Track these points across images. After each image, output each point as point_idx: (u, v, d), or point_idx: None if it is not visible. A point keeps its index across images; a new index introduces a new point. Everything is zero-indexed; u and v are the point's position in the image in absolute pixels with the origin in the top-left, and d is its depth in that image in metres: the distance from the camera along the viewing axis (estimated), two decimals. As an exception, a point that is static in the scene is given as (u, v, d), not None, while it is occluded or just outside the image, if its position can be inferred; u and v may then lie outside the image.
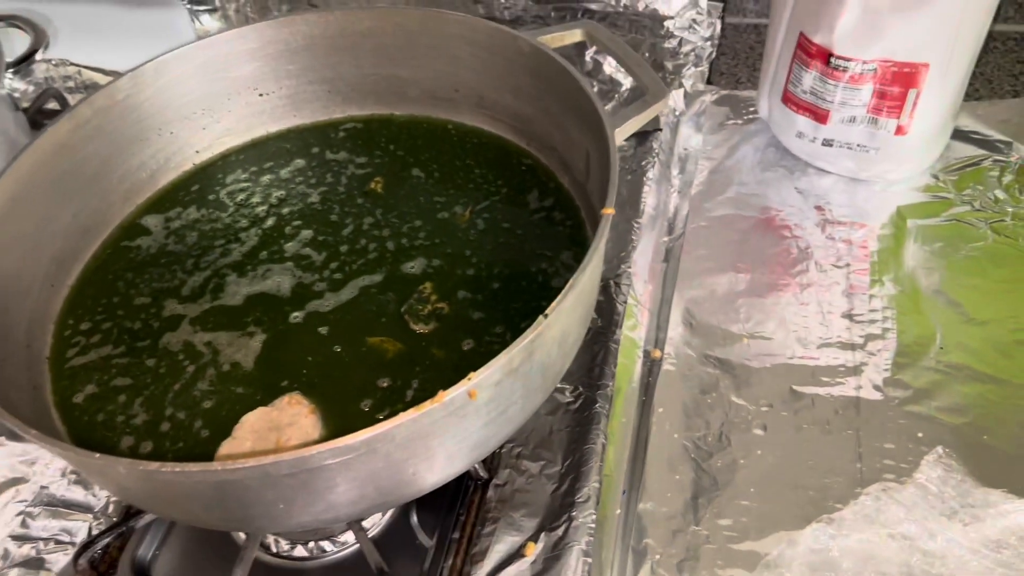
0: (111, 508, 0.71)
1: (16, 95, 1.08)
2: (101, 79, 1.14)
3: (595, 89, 0.78)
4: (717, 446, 0.66)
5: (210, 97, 0.81)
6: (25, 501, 0.72)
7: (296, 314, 0.68)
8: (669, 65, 0.96)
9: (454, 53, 0.79)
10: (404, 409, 0.60)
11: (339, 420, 0.61)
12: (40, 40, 0.85)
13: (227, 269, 0.73)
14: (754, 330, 0.73)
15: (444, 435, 0.53)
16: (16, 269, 0.68)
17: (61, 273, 0.73)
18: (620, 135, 0.63)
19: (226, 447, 0.59)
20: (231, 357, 0.66)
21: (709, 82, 0.96)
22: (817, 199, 0.83)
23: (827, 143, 0.82)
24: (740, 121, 0.93)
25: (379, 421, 0.60)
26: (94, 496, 0.71)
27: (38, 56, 0.84)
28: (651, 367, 0.72)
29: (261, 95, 0.84)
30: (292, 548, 0.68)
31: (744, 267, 0.78)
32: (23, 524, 0.70)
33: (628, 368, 0.72)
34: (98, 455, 0.48)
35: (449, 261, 0.71)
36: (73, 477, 0.73)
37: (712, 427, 0.67)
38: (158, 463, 0.47)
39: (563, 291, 0.53)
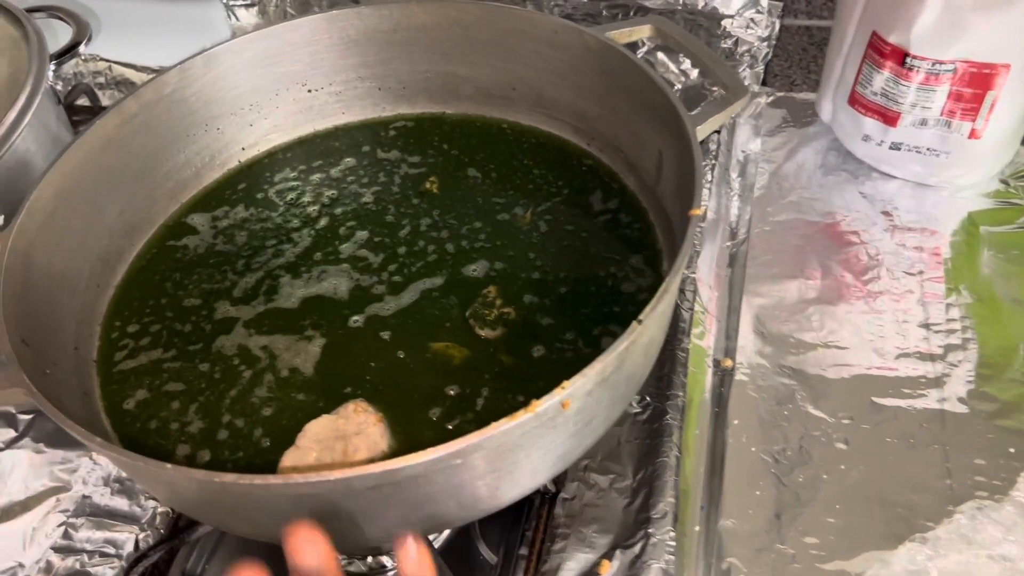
0: (158, 519, 0.67)
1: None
2: (132, 75, 1.11)
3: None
4: (797, 460, 0.63)
5: (258, 92, 0.79)
6: (67, 511, 0.68)
7: (356, 318, 0.65)
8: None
9: (513, 49, 0.76)
10: (475, 418, 0.59)
11: (407, 429, 0.58)
12: (83, 33, 0.82)
13: (280, 270, 0.70)
14: (828, 339, 0.70)
15: (531, 447, 0.50)
16: (63, 268, 0.65)
17: (106, 273, 0.70)
18: (701, 134, 0.60)
19: (289, 457, 0.56)
20: (289, 362, 0.63)
21: (763, 84, 0.94)
22: (884, 204, 0.80)
23: (895, 147, 0.79)
24: (797, 124, 0.90)
25: (449, 431, 0.58)
26: (139, 507, 0.68)
27: (81, 49, 0.81)
28: (723, 377, 0.69)
29: (310, 91, 0.81)
30: (349, 563, 0.65)
31: (812, 273, 0.75)
32: (65, 535, 0.67)
33: (699, 378, 0.69)
34: (171, 466, 0.45)
35: (513, 264, 0.68)
36: (117, 486, 0.70)
37: (791, 440, 0.64)
38: (235, 475, 0.44)
39: (656, 295, 0.50)
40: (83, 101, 1.09)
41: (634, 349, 0.50)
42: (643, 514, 0.62)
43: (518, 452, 0.49)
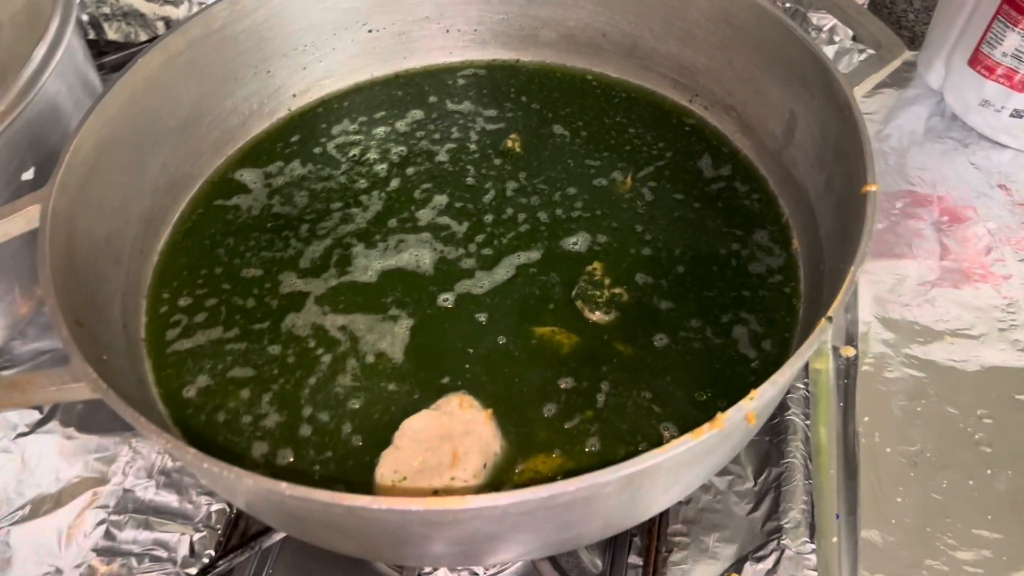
0: (214, 518, 0.60)
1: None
2: (141, 5, 1.00)
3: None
4: (938, 463, 0.57)
5: (314, 30, 0.69)
6: (107, 507, 0.60)
7: (445, 296, 0.57)
8: (813, 18, 0.85)
9: (610, -10, 0.67)
10: (595, 417, 0.51)
11: (519, 428, 0.51)
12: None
13: (351, 238, 0.61)
14: (956, 327, 0.64)
15: (697, 463, 0.43)
16: (107, 233, 0.56)
17: (150, 236, 0.61)
18: (858, 94, 0.53)
19: (389, 460, 0.49)
20: (374, 346, 0.55)
21: (854, 39, 0.86)
22: (999, 177, 0.74)
23: (1017, 114, 0.72)
24: (896, 85, 0.82)
25: (567, 431, 0.51)
26: (190, 503, 0.60)
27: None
28: (846, 367, 0.62)
29: (370, 31, 0.71)
30: (435, 570, 0.58)
31: (930, 252, 0.69)
32: (107, 535, 0.59)
33: (821, 368, 0.62)
34: (285, 484, 0.37)
35: (618, 238, 0.60)
36: (163, 479, 0.61)
37: (929, 441, 0.58)
38: (369, 498, 0.37)
39: (844, 286, 0.43)
40: (90, 36, 0.98)
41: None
42: (772, 522, 0.55)
43: (684, 468, 0.42)
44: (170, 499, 0.61)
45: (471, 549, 0.42)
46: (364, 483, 0.48)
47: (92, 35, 0.98)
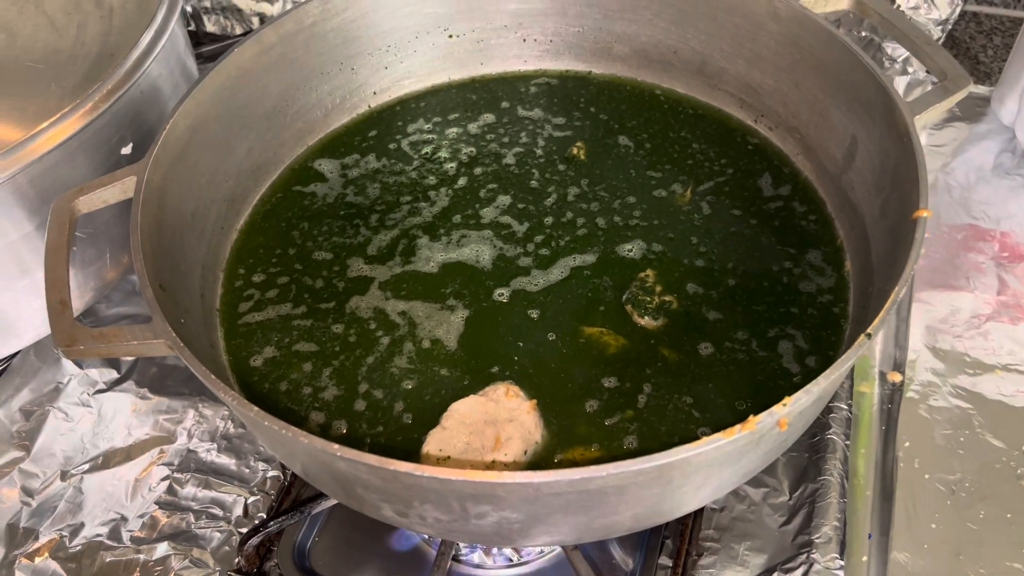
0: (268, 483, 0.63)
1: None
2: (239, 1, 1.05)
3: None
4: (977, 494, 0.57)
5: (398, 32, 0.73)
6: (171, 465, 0.64)
7: (501, 291, 0.60)
8: (888, 48, 0.86)
9: (684, 10, 0.69)
10: (635, 417, 0.53)
11: (561, 420, 0.53)
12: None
13: (417, 230, 0.64)
14: (1008, 362, 0.64)
15: (728, 463, 0.44)
16: (193, 207, 0.60)
17: (231, 215, 0.65)
18: (919, 124, 0.54)
19: (435, 439, 0.51)
20: (431, 332, 0.58)
21: (928, 72, 0.86)
22: (1067, 217, 0.73)
23: (1089, 154, 0.72)
24: (967, 119, 0.82)
25: (607, 428, 0.53)
26: (248, 468, 0.64)
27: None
28: (891, 393, 0.63)
29: (451, 36, 0.75)
30: (471, 552, 0.60)
31: (987, 287, 0.69)
32: (170, 490, 0.63)
33: (866, 392, 0.63)
34: (338, 446, 0.40)
35: (673, 248, 0.62)
36: (224, 443, 0.66)
37: (968, 470, 0.58)
38: (412, 465, 0.39)
39: (886, 305, 0.44)
40: (188, 26, 1.04)
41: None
42: (803, 536, 0.56)
43: (715, 468, 0.44)
44: (229, 462, 0.65)
45: (505, 528, 0.44)
46: (411, 458, 0.50)
47: (192, 27, 1.04)
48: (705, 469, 0.43)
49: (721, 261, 0.61)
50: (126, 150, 0.62)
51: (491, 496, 0.41)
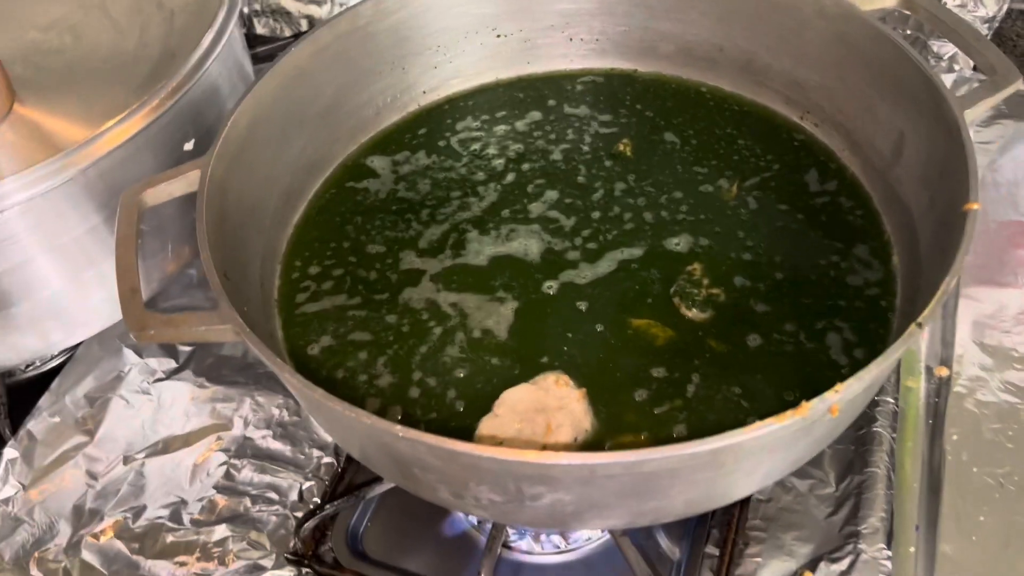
0: (323, 469, 0.65)
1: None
2: (288, 4, 1.08)
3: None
4: (1026, 488, 0.57)
5: (447, 33, 0.74)
6: (228, 451, 0.67)
7: (549, 283, 0.61)
8: (934, 46, 0.86)
9: (730, 8, 0.70)
10: (684, 406, 0.54)
11: (610, 409, 0.54)
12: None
13: (467, 224, 0.66)
14: (1057, 357, 0.64)
15: (779, 449, 0.45)
16: (253, 202, 0.62)
17: (287, 210, 0.67)
18: (968, 118, 0.54)
19: (487, 424, 0.53)
20: (481, 323, 0.59)
21: (975, 69, 0.86)
22: (1116, 213, 0.73)
23: None
24: (1015, 117, 0.82)
25: (656, 416, 0.54)
26: (303, 454, 0.66)
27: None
28: (938, 387, 0.63)
29: (499, 36, 0.76)
30: (520, 539, 0.62)
31: (1036, 282, 0.69)
32: (227, 475, 0.65)
33: (911, 386, 0.63)
34: (399, 427, 0.42)
35: (720, 241, 0.63)
36: (280, 430, 0.68)
37: (1018, 465, 0.58)
38: (471, 444, 0.41)
39: (937, 296, 0.44)
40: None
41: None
42: (850, 527, 0.57)
43: (766, 453, 0.45)
44: (284, 449, 0.67)
45: (559, 511, 0.46)
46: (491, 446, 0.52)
47: (245, 29, 1.07)
48: (757, 454, 0.44)
49: (768, 255, 0.61)
50: (188, 146, 0.65)
51: (546, 477, 0.42)
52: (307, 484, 0.64)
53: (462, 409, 0.55)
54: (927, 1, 0.62)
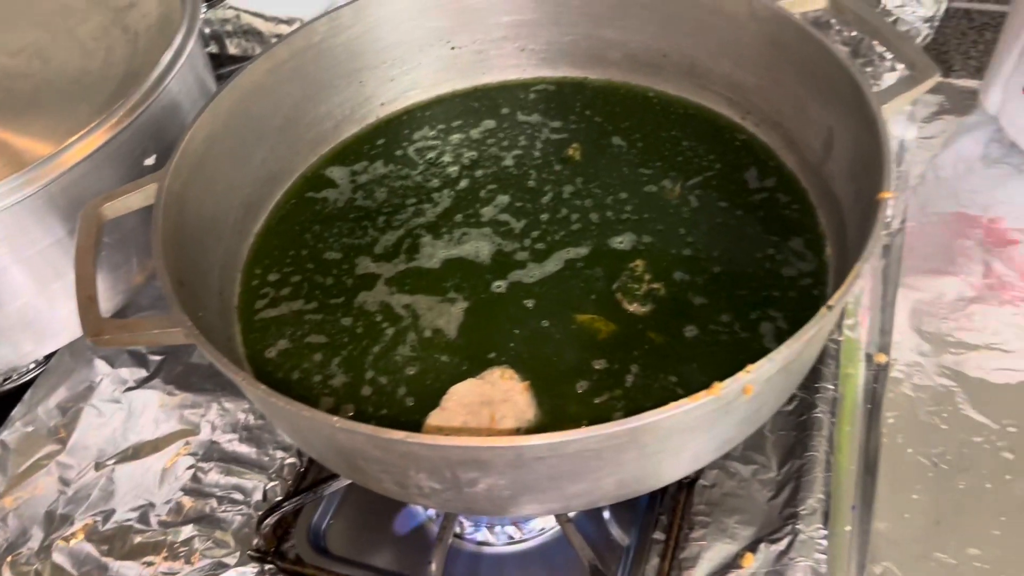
0: (286, 470, 0.67)
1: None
2: (260, 24, 1.10)
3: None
4: (958, 466, 0.59)
5: (402, 46, 0.77)
6: (196, 455, 0.69)
7: (498, 283, 0.64)
8: (878, 46, 0.88)
9: (671, 14, 0.73)
10: (623, 395, 0.56)
11: (553, 400, 0.56)
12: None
13: (421, 230, 0.68)
14: (990, 341, 0.66)
15: (702, 430, 0.47)
16: (212, 213, 0.64)
17: (248, 220, 0.70)
18: (887, 112, 0.57)
19: (435, 418, 0.55)
20: (432, 323, 0.62)
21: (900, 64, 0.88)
22: (1053, 202, 0.75)
23: (1072, 141, 0.74)
24: (956, 112, 0.85)
25: (596, 406, 0.56)
26: (267, 456, 0.68)
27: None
28: (876, 373, 0.65)
29: (453, 48, 0.79)
30: (476, 531, 0.64)
31: (973, 270, 0.71)
32: (195, 478, 0.67)
33: (850, 372, 0.65)
34: (336, 418, 0.44)
35: (662, 239, 0.65)
36: (245, 434, 0.70)
37: (951, 445, 0.60)
38: (404, 433, 0.43)
39: (847, 280, 0.47)
40: (212, 48, 1.10)
41: (817, 336, 0.47)
42: (789, 509, 0.59)
43: (687, 435, 0.47)
44: (250, 451, 0.69)
45: (496, 495, 0.48)
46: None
47: (215, 49, 1.09)
48: (678, 435, 0.46)
49: (707, 250, 0.64)
50: (149, 161, 0.67)
51: (477, 461, 0.45)
52: (271, 484, 0.66)
53: (412, 404, 0.57)
54: (852, 3, 0.65)
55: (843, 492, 0.59)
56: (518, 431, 0.54)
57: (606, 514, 0.64)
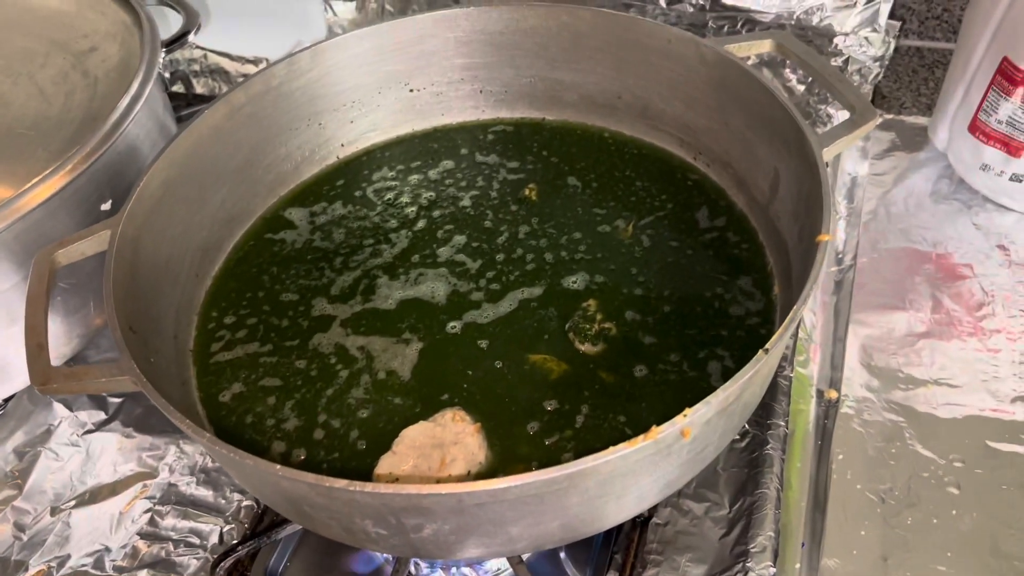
0: (242, 513, 0.67)
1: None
2: (227, 64, 1.12)
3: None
4: (906, 501, 0.60)
5: (361, 89, 0.78)
6: (153, 498, 0.69)
7: (453, 324, 0.64)
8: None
9: (623, 58, 0.74)
10: (573, 436, 0.57)
11: (504, 442, 0.57)
12: (192, 22, 0.83)
13: (378, 270, 0.69)
14: (939, 376, 0.67)
15: (643, 473, 0.48)
16: (167, 257, 0.65)
17: (206, 263, 0.70)
18: (827, 155, 0.58)
19: (386, 462, 0.55)
20: (387, 364, 0.62)
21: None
22: (999, 238, 0.77)
23: (1016, 178, 0.76)
24: (907, 149, 0.86)
25: (547, 447, 0.57)
26: (224, 499, 0.68)
27: (190, 38, 0.82)
28: (827, 409, 0.66)
29: (412, 91, 0.80)
30: (431, 572, 0.64)
31: (922, 306, 0.72)
32: (151, 522, 0.67)
33: (801, 408, 0.66)
34: (279, 467, 0.44)
35: (614, 278, 0.66)
36: (203, 476, 0.70)
37: (899, 480, 0.61)
38: (346, 481, 0.43)
39: (784, 323, 0.48)
40: (178, 88, 1.10)
41: (756, 379, 0.48)
42: (740, 546, 0.60)
43: (629, 478, 0.48)
44: (207, 494, 0.69)
45: (443, 540, 0.48)
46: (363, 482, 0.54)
47: (182, 88, 1.10)
48: (620, 478, 0.47)
49: (658, 289, 0.65)
50: (105, 206, 0.68)
51: (419, 508, 0.45)
52: (227, 527, 0.66)
53: (364, 448, 0.57)
54: (795, 47, 0.66)
55: (792, 529, 0.60)
56: (468, 474, 0.54)
57: (562, 553, 0.64)
